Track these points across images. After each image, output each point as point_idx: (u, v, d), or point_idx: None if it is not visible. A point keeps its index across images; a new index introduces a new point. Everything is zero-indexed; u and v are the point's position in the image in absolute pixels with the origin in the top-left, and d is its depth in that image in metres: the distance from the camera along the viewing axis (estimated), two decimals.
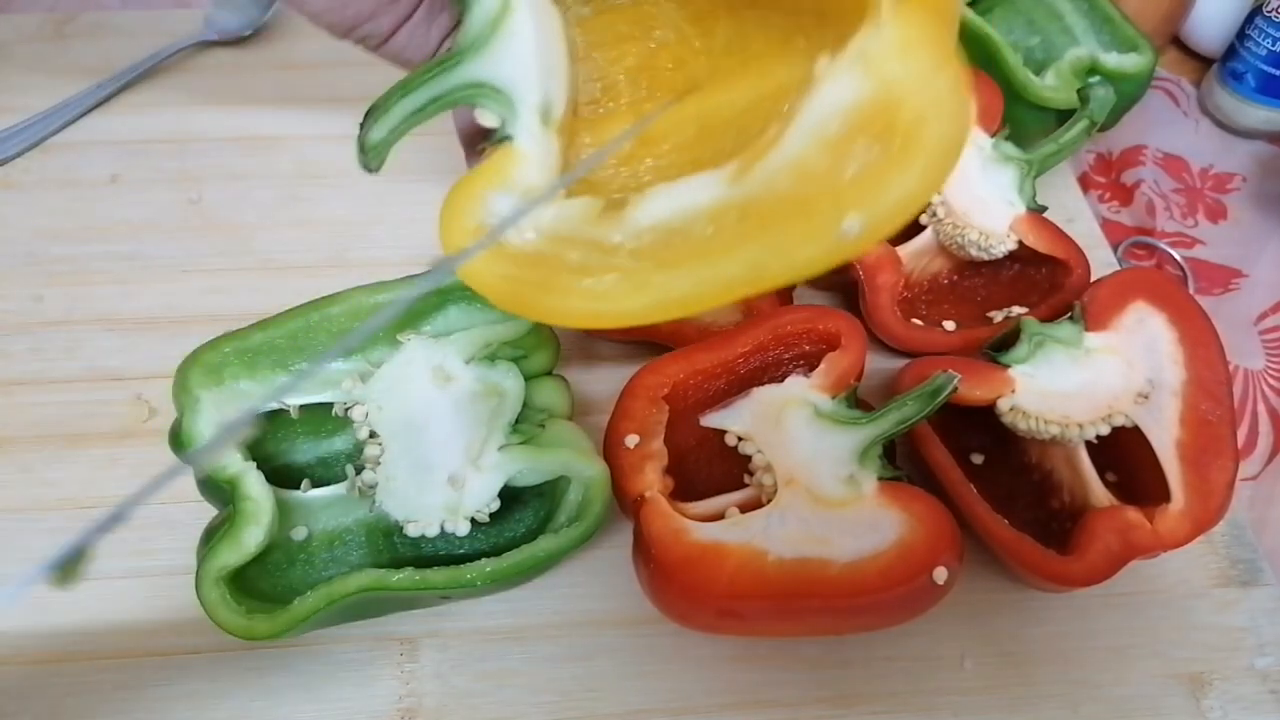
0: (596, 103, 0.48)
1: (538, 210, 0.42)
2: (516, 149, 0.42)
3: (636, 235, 0.40)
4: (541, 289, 0.41)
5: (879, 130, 0.37)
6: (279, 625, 0.44)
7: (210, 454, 0.42)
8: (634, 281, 0.40)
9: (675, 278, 0.39)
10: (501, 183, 0.42)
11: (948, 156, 0.37)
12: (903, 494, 0.45)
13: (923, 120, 0.36)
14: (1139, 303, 0.51)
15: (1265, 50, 0.75)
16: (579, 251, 0.41)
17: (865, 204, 0.37)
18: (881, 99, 0.37)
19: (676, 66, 0.48)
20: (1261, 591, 0.52)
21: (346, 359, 0.49)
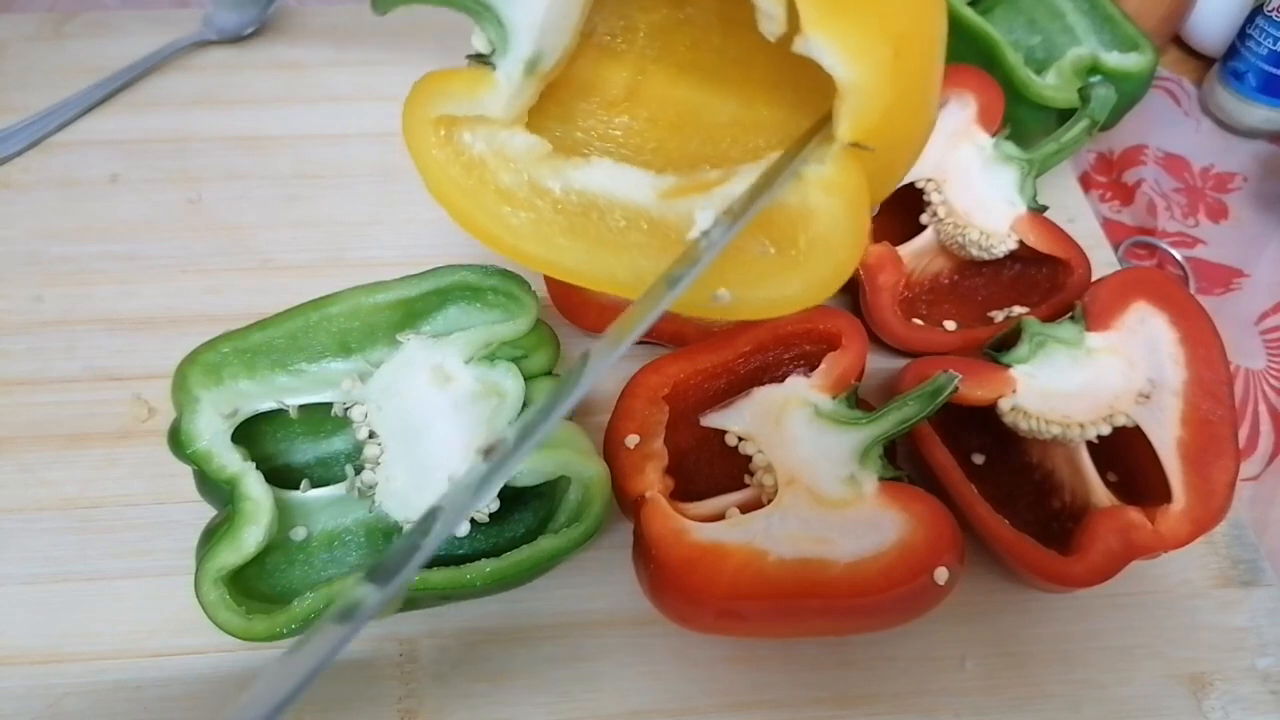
0: (612, 35, 0.50)
1: (502, 132, 0.45)
2: (493, 77, 0.45)
3: (565, 192, 0.44)
4: (467, 196, 0.45)
5: (779, 237, 0.41)
6: (278, 626, 0.44)
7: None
8: (540, 231, 0.44)
9: (572, 248, 0.44)
10: (467, 95, 0.45)
11: (824, 288, 0.42)
12: (903, 494, 0.45)
13: (815, 251, 0.41)
14: (1140, 302, 0.51)
15: (1266, 50, 0.75)
16: (512, 179, 0.45)
17: (742, 287, 0.42)
18: (794, 214, 0.41)
19: (690, 48, 0.50)
20: (1263, 592, 0.52)
21: (346, 359, 0.49)
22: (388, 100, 0.78)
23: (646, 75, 0.51)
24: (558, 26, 0.45)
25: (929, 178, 0.61)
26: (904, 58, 0.37)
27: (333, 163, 0.73)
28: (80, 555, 0.52)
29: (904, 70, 0.38)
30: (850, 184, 0.40)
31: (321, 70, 0.81)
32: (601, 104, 0.51)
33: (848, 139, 0.39)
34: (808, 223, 0.41)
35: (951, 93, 0.61)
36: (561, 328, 0.55)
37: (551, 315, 0.58)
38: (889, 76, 0.37)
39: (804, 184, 0.40)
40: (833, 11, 0.36)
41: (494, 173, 0.46)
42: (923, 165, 0.61)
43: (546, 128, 0.49)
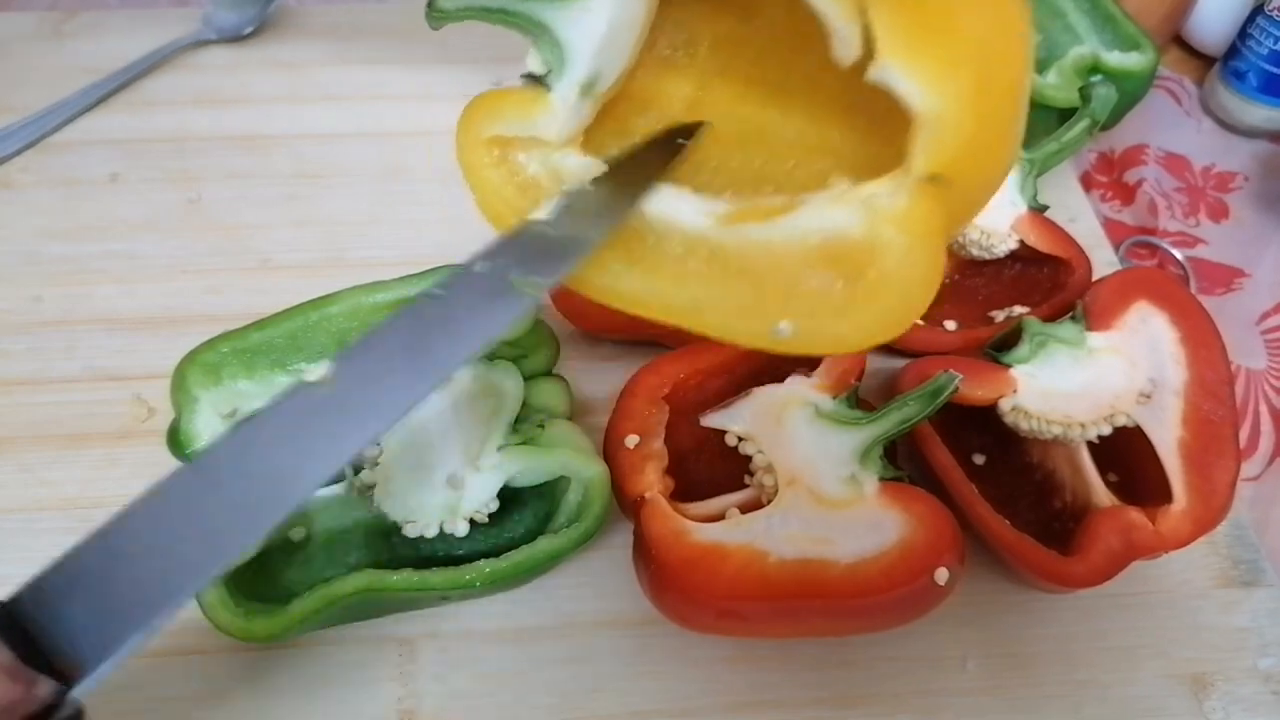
0: (674, 48, 0.49)
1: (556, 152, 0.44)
2: (548, 99, 0.44)
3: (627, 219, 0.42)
4: (520, 217, 0.43)
5: (847, 270, 0.39)
6: (277, 626, 0.44)
7: None
8: (597, 256, 0.42)
9: (628, 274, 0.42)
10: (521, 116, 0.44)
11: (892, 328, 0.39)
12: (904, 494, 0.45)
13: (884, 289, 0.38)
14: (1141, 302, 0.51)
15: (1267, 49, 0.75)
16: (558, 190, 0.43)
17: (803, 322, 0.40)
18: (863, 247, 0.39)
19: (755, 62, 0.48)
20: (1264, 592, 0.52)
21: None
22: (388, 100, 0.78)
23: (709, 90, 0.49)
24: (616, 48, 0.43)
25: None
26: (986, 88, 0.35)
27: (332, 162, 0.73)
28: None
29: (986, 101, 0.35)
30: (924, 220, 0.38)
31: (321, 70, 0.81)
32: (661, 119, 0.49)
33: (924, 173, 0.37)
34: (877, 257, 0.38)
35: None
36: (561, 328, 0.55)
37: (551, 315, 0.58)
38: (970, 107, 0.35)
39: (875, 216, 0.38)
40: (911, 36, 0.34)
41: (548, 194, 0.45)
42: None
43: (603, 144, 0.47)
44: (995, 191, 0.42)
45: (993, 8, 0.36)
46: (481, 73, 0.77)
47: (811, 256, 0.39)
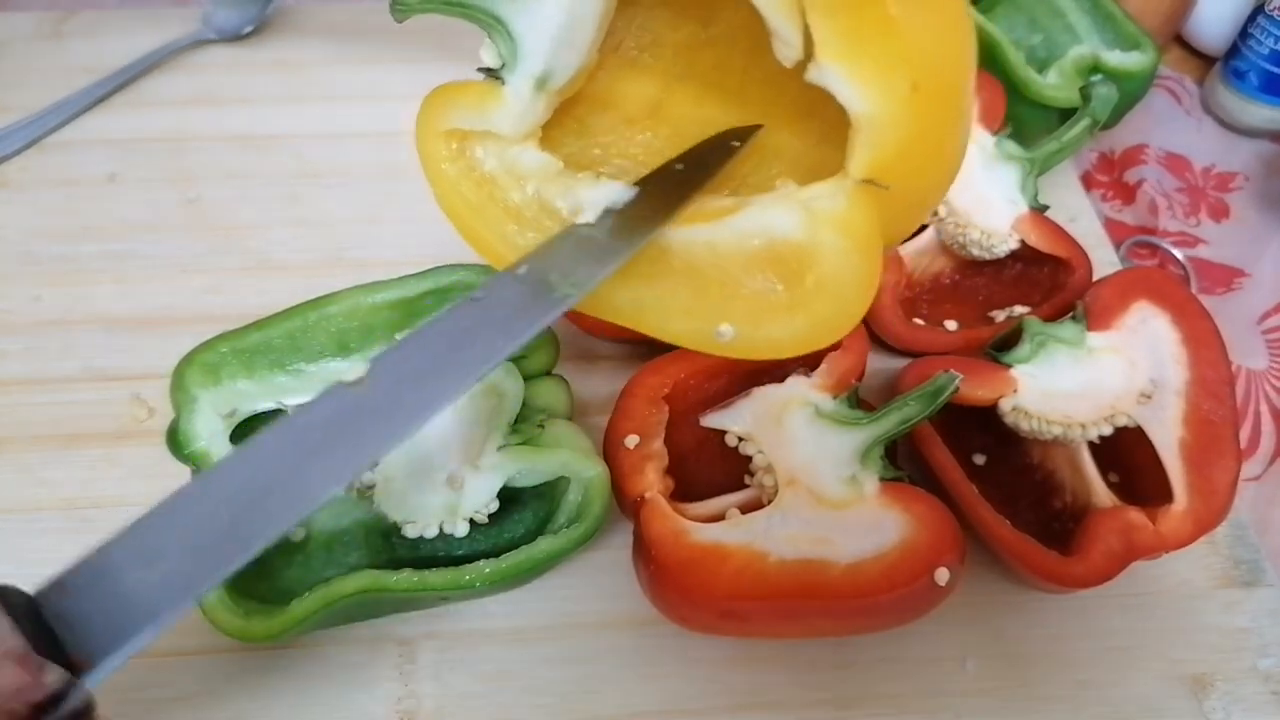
0: (640, 49, 0.49)
1: (514, 148, 0.45)
2: (501, 93, 0.44)
3: (572, 213, 0.43)
4: (474, 212, 0.44)
5: (787, 274, 0.40)
6: (277, 627, 0.44)
7: None
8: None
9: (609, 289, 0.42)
10: (476, 109, 0.44)
11: (830, 332, 0.40)
12: (904, 494, 0.45)
13: (821, 294, 0.39)
14: (1141, 302, 0.51)
15: (1268, 49, 0.75)
16: (521, 197, 0.44)
17: (744, 324, 0.41)
18: (803, 250, 0.39)
19: (715, 68, 0.48)
20: (1264, 592, 0.52)
21: (344, 358, 0.48)
22: (387, 100, 0.78)
23: (671, 92, 0.49)
24: (572, 44, 0.44)
25: None
26: (925, 92, 0.35)
27: (332, 162, 0.73)
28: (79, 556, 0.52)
29: (925, 105, 0.36)
30: (862, 223, 0.38)
31: (321, 69, 0.81)
32: (622, 119, 0.49)
33: (860, 175, 0.37)
34: (815, 261, 0.39)
35: None
36: (561, 328, 0.55)
37: None
38: (907, 111, 0.35)
39: (814, 219, 0.39)
40: (849, 39, 0.34)
41: (504, 190, 0.45)
42: None
43: (562, 142, 0.48)
44: (938, 199, 0.42)
45: (934, 12, 0.36)
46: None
47: (754, 259, 0.39)
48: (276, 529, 0.31)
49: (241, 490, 0.31)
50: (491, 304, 0.37)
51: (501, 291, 0.38)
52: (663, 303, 0.41)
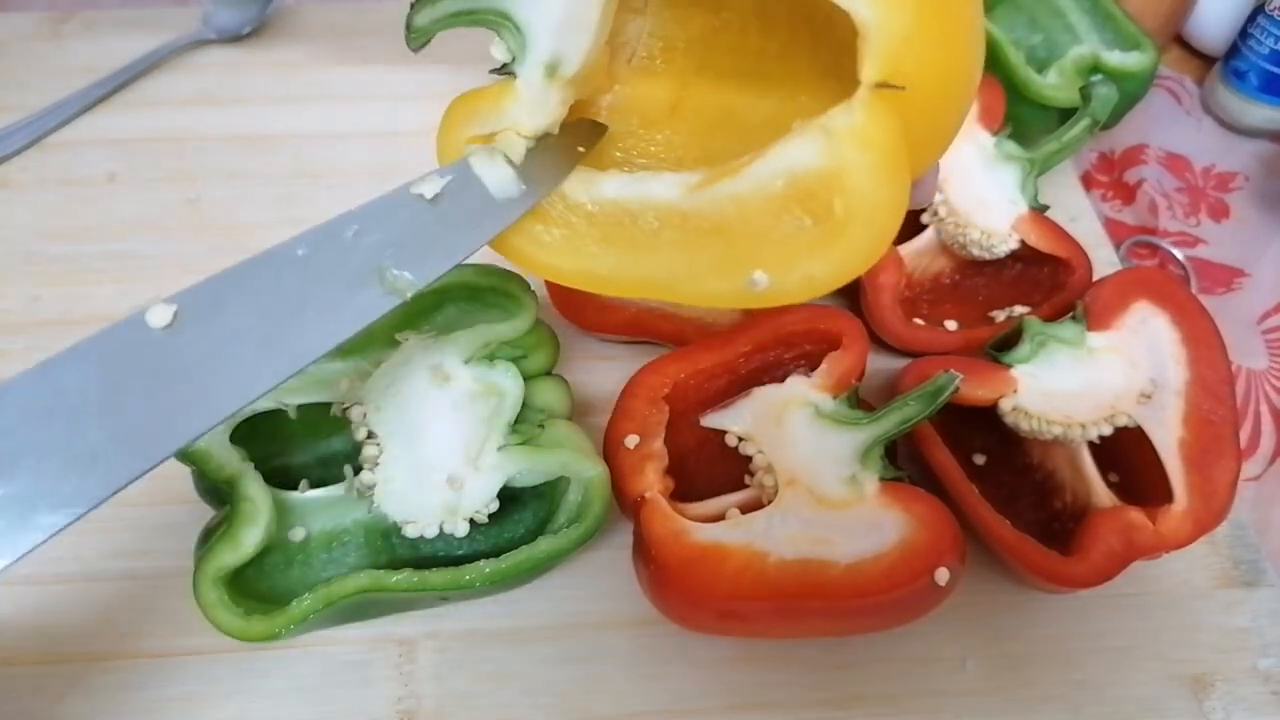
0: (651, 56, 0.49)
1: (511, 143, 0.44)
2: (516, 87, 0.44)
3: (596, 204, 0.43)
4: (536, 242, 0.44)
5: (815, 206, 0.39)
6: (277, 626, 0.44)
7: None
8: (573, 245, 0.43)
9: (604, 255, 0.43)
10: (493, 108, 0.44)
11: (865, 258, 0.39)
12: (904, 495, 0.45)
13: (854, 217, 0.38)
14: (1141, 302, 0.51)
15: (1268, 49, 0.75)
16: (545, 199, 0.44)
17: (777, 268, 0.40)
18: (828, 175, 0.38)
19: (729, 52, 0.49)
20: (1264, 592, 0.52)
21: (344, 359, 0.48)
22: (387, 100, 0.78)
23: (689, 88, 0.49)
24: (578, 25, 0.43)
25: None
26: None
27: (332, 162, 0.73)
28: (79, 556, 0.52)
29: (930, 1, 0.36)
30: (883, 134, 0.37)
31: (320, 69, 0.80)
32: (642, 123, 0.49)
33: (873, 79, 0.36)
34: (841, 184, 0.38)
35: None
36: (561, 328, 0.55)
37: (551, 315, 0.58)
38: (910, 6, 0.35)
39: (834, 141, 0.38)
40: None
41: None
42: None
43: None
44: (963, 107, 0.41)
45: None
46: (481, 71, 0.77)
47: (780, 201, 0.39)
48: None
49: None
50: (317, 275, 0.34)
51: (329, 259, 0.35)
52: (693, 267, 0.41)
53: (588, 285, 0.43)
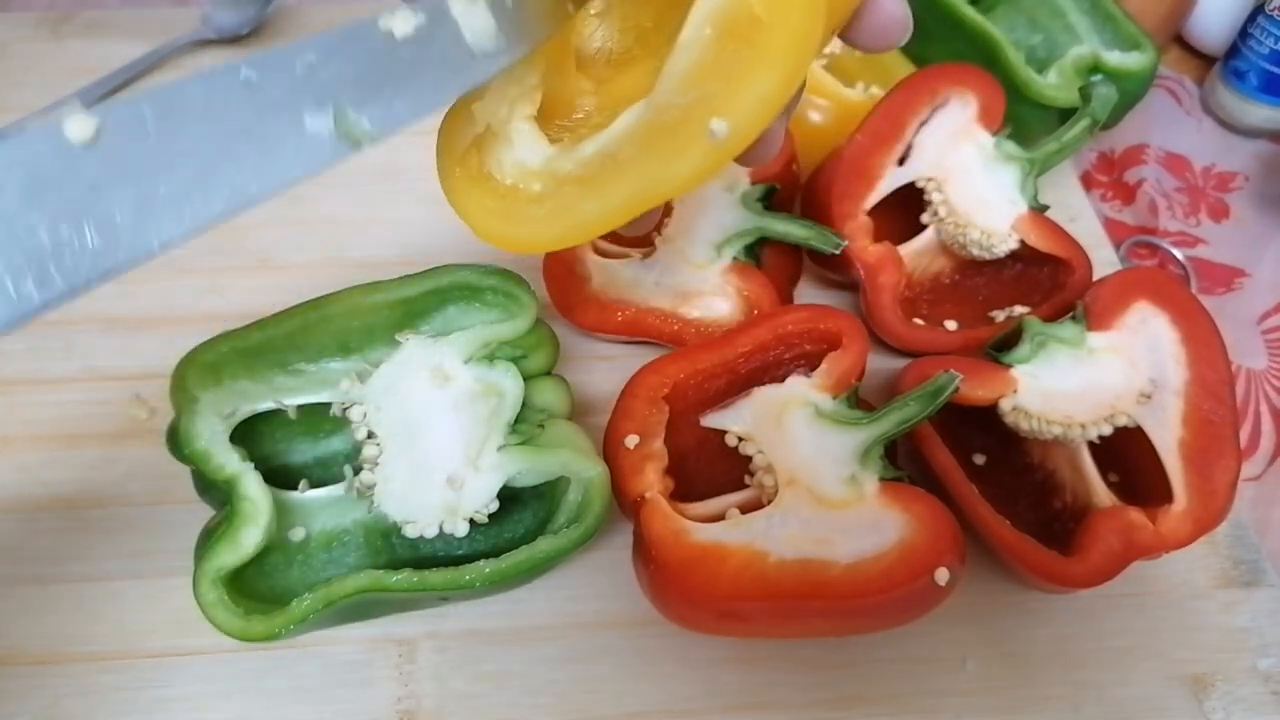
0: (629, 50, 0.49)
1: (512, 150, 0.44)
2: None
3: (577, 164, 0.43)
4: (495, 215, 0.43)
5: (741, 29, 0.38)
6: (276, 626, 0.44)
7: None
8: (560, 209, 0.43)
9: (588, 199, 0.42)
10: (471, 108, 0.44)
11: (799, 52, 0.38)
12: (904, 494, 0.45)
13: (777, 11, 0.37)
14: (1141, 302, 0.51)
15: (1268, 49, 0.75)
16: (541, 184, 0.43)
17: (729, 107, 0.39)
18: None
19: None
20: (1264, 592, 0.52)
21: (345, 359, 0.49)
22: None
23: (615, 40, 0.49)
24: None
25: (930, 177, 0.60)
26: None
27: None
28: (79, 556, 0.52)
29: None
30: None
31: None
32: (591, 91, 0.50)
33: None
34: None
35: (953, 91, 0.60)
36: (561, 328, 0.55)
37: (551, 315, 0.58)
38: None
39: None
40: None
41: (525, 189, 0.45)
42: (923, 164, 0.60)
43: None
44: None
45: None
46: None
47: (712, 46, 0.39)
48: None
49: None
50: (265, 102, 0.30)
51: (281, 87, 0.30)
52: (664, 155, 0.41)
53: (581, 235, 0.43)
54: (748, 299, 0.59)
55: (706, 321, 0.59)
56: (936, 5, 0.67)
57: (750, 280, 0.59)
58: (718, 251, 0.60)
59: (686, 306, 0.59)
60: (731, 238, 0.59)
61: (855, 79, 0.70)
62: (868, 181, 0.60)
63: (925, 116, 0.61)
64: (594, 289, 0.60)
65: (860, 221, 0.60)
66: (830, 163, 0.61)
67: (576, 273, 0.60)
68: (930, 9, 0.68)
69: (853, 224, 0.59)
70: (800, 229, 0.59)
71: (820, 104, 0.66)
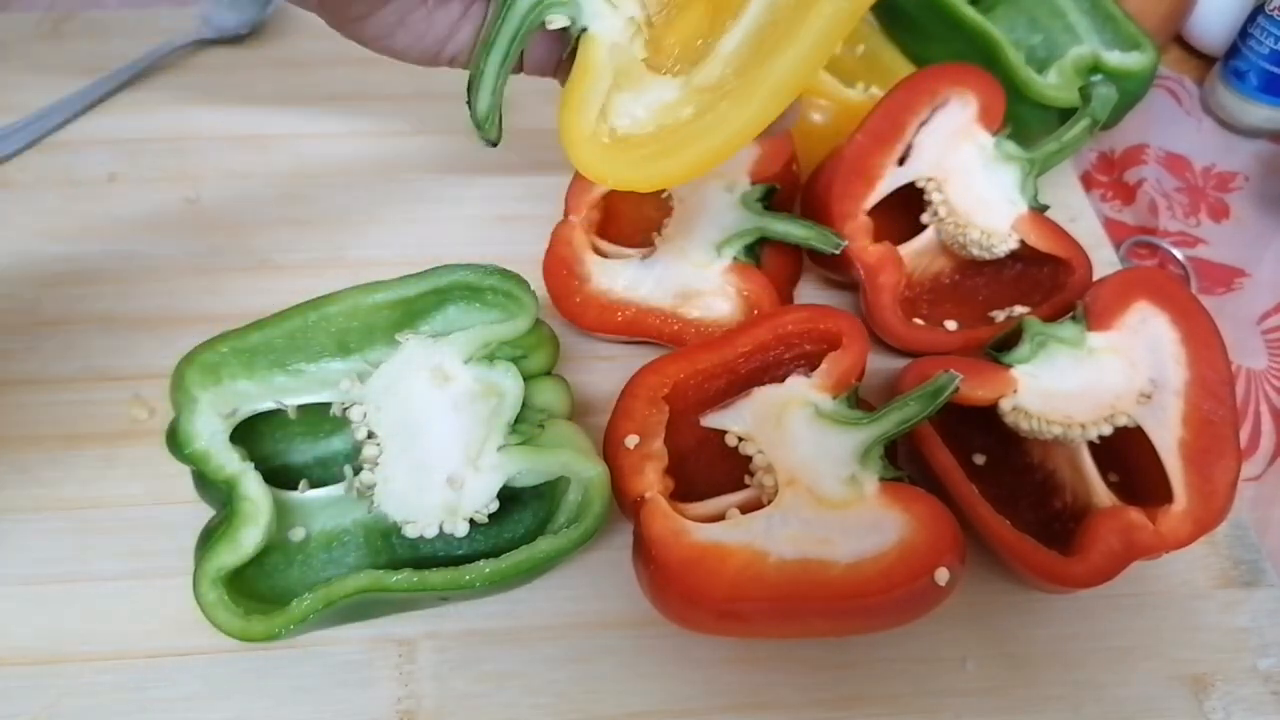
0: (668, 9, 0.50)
1: (643, 96, 0.46)
2: (593, 35, 0.45)
3: (731, 58, 0.44)
4: (660, 156, 0.44)
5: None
6: (276, 626, 0.44)
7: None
8: (741, 94, 0.43)
9: (771, 67, 0.42)
10: (593, 72, 0.45)
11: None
12: (904, 494, 0.45)
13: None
14: (1141, 302, 0.51)
15: (1268, 49, 0.75)
16: (691, 105, 0.44)
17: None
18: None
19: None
20: (1264, 592, 0.52)
21: (345, 359, 0.48)
22: (387, 100, 0.78)
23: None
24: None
25: (929, 177, 0.60)
26: None
27: (332, 162, 0.73)
28: (79, 556, 0.52)
29: None
30: None
31: (321, 70, 0.80)
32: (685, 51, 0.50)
33: None
34: None
35: (952, 91, 0.60)
36: (561, 328, 0.55)
37: (551, 315, 0.58)
38: None
39: None
40: None
41: (675, 119, 0.45)
42: (923, 164, 0.60)
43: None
44: None
45: None
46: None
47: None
48: None
49: None
50: None
51: None
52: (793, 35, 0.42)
53: (741, 143, 0.43)
54: (748, 299, 0.59)
55: (706, 321, 0.59)
56: (936, 5, 0.67)
57: (750, 280, 0.59)
58: (718, 251, 0.59)
59: (686, 306, 0.59)
60: (731, 238, 0.59)
61: (855, 79, 0.71)
62: (868, 181, 0.60)
63: (925, 116, 0.61)
64: (594, 289, 0.60)
65: (860, 221, 0.60)
66: (830, 163, 0.62)
67: (576, 273, 0.60)
68: (930, 9, 0.68)
69: (853, 224, 0.59)
70: (800, 229, 0.59)
71: (820, 104, 0.66)
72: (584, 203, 0.62)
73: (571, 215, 0.61)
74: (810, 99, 0.66)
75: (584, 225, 0.61)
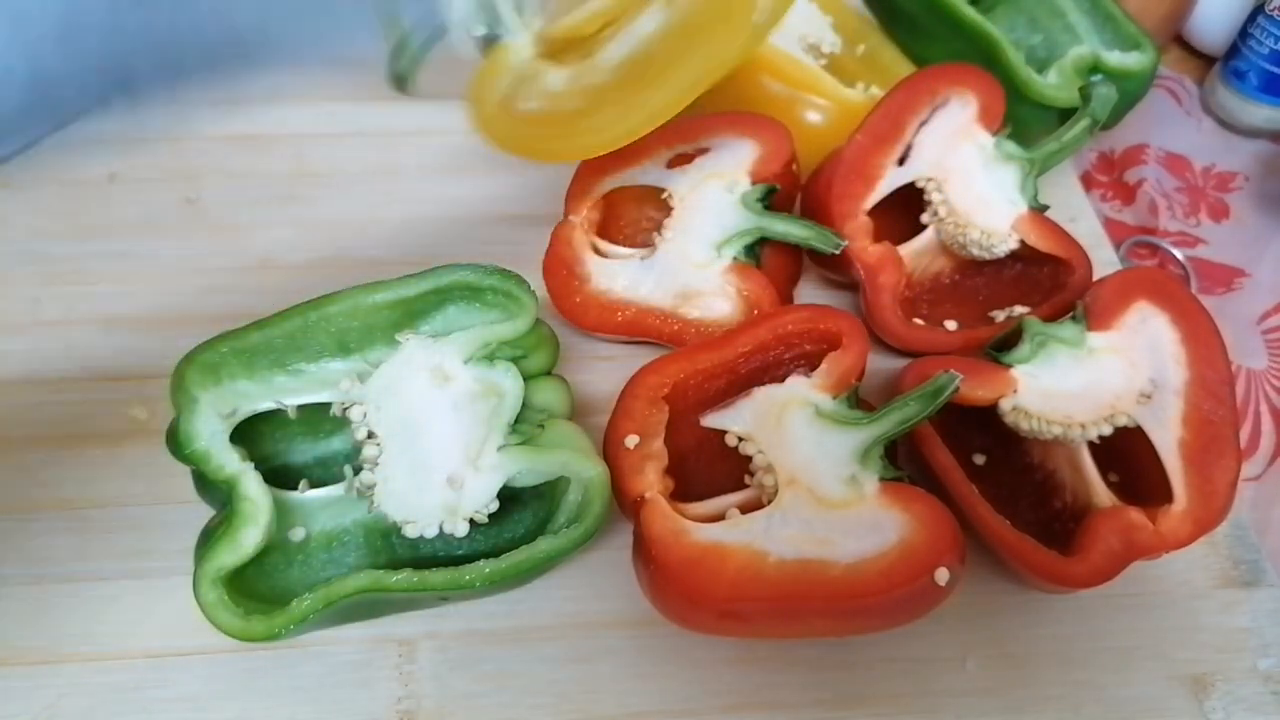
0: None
1: (539, 83, 0.55)
2: (506, 43, 0.55)
3: (614, 70, 0.52)
4: (551, 139, 0.54)
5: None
6: (276, 626, 0.44)
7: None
8: (622, 107, 0.52)
9: (652, 93, 0.51)
10: (502, 66, 0.55)
11: None
12: (904, 494, 0.45)
13: None
14: (1141, 302, 0.51)
15: (1268, 49, 0.75)
16: (576, 100, 0.53)
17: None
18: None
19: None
20: (1264, 592, 0.52)
21: (345, 359, 0.48)
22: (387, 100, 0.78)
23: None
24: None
25: (930, 177, 0.60)
26: None
27: (332, 162, 0.73)
28: (79, 556, 0.52)
29: None
30: None
31: (321, 70, 0.80)
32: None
33: None
34: None
35: (953, 91, 0.60)
36: (561, 328, 0.55)
37: (551, 315, 0.58)
38: None
39: None
40: None
41: (562, 108, 0.54)
42: (923, 164, 0.60)
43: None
44: None
45: None
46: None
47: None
48: None
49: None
50: None
51: None
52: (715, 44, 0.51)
53: (654, 123, 0.52)
54: (748, 299, 0.59)
55: (706, 321, 0.59)
56: (936, 5, 0.67)
57: (750, 280, 0.59)
58: (718, 251, 0.59)
59: (686, 306, 0.59)
60: (731, 238, 0.59)
61: (855, 79, 0.70)
62: (868, 181, 0.60)
63: (925, 116, 0.61)
64: (594, 289, 0.60)
65: (860, 221, 0.60)
66: (830, 163, 0.62)
67: (576, 273, 0.60)
68: (930, 9, 0.68)
69: (853, 224, 0.59)
70: (800, 229, 0.59)
71: (820, 104, 0.66)
72: (584, 203, 0.62)
73: (571, 215, 0.61)
74: (810, 99, 0.66)
75: (584, 225, 0.61)
